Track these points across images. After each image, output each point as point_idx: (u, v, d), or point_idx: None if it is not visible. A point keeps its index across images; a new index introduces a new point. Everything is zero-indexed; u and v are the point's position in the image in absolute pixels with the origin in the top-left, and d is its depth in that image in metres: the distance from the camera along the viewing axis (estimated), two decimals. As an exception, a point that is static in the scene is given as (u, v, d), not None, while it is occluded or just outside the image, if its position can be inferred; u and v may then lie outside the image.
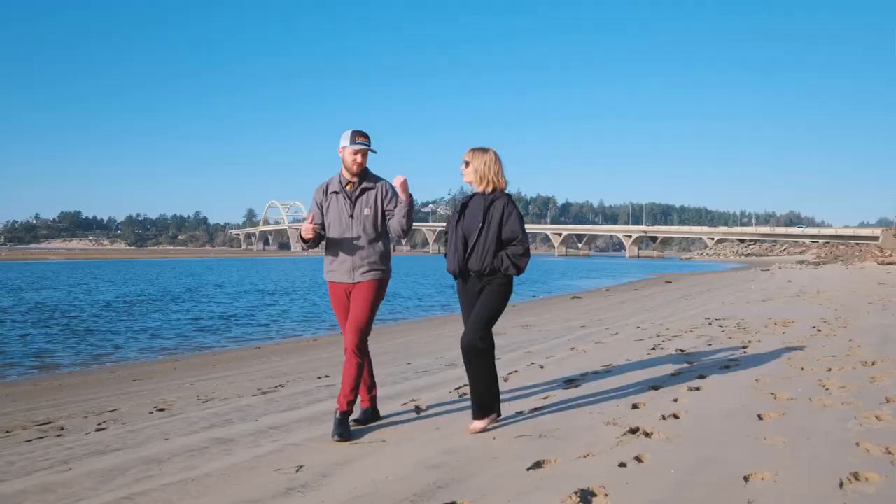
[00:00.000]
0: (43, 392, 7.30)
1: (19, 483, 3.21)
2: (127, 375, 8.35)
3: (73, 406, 5.90)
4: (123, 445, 3.92)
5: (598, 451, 3.00)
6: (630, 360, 5.83)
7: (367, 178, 3.85)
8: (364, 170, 3.84)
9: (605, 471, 2.69)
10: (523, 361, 6.21)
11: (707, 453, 2.83)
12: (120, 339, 12.24)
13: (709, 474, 2.55)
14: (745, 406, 3.68)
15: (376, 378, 4.21)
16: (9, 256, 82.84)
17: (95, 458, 3.64)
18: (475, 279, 3.60)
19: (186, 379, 7.47)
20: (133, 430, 4.45)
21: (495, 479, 2.71)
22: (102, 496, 2.89)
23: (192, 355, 10.58)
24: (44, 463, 3.61)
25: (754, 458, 2.72)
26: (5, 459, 3.78)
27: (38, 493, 3.00)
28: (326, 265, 3.90)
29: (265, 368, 8.02)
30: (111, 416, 5.13)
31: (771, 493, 2.31)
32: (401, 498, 2.55)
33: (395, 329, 13.01)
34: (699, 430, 3.25)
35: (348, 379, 3.72)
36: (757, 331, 7.49)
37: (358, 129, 3.79)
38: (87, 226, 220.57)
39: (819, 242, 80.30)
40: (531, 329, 10.28)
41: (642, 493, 2.38)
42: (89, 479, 3.17)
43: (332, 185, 3.87)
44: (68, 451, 3.90)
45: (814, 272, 25.31)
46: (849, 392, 3.92)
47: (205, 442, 3.81)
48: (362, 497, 2.60)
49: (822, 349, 5.76)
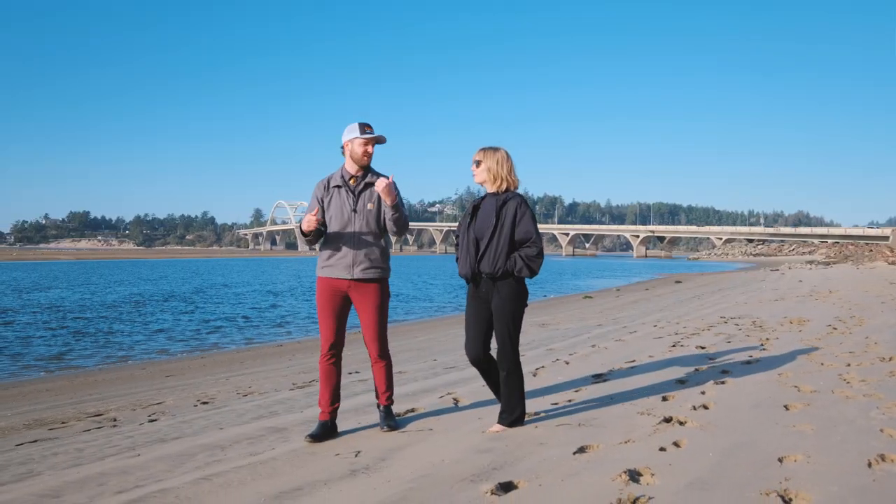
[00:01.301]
0: (80, 387, 7.56)
1: (95, 467, 3.45)
2: (158, 372, 8.61)
3: (118, 399, 6.16)
4: (181, 434, 4.16)
5: (636, 437, 3.21)
6: (652, 356, 6.03)
7: (370, 173, 3.79)
8: (368, 165, 3.79)
9: (647, 454, 2.90)
10: (548, 358, 6.42)
11: (740, 439, 3.05)
12: (140, 338, 12.52)
13: (745, 456, 2.77)
14: (771, 397, 3.89)
15: (407, 374, 4.39)
16: (20, 256, 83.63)
17: (158, 445, 3.89)
18: (488, 282, 3.53)
19: (218, 375, 7.72)
20: (184, 420, 4.69)
21: (544, 461, 2.93)
22: (180, 477, 3.13)
23: (216, 353, 10.84)
24: (111, 450, 3.85)
25: (785, 443, 2.93)
26: (74, 447, 4.03)
27: (118, 475, 3.24)
28: (322, 260, 3.79)
29: (292, 365, 8.26)
30: (158, 409, 5.38)
31: (805, 471, 2.52)
32: (461, 477, 2.77)
33: (412, 328, 13.24)
34: (730, 419, 3.46)
35: (381, 380, 3.84)
36: (773, 329, 7.67)
37: (364, 121, 3.74)
38: (96, 226, 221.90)
39: (828, 242, 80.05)
40: (548, 328, 10.49)
41: (685, 473, 2.60)
42: (161, 463, 3.41)
43: (334, 180, 3.79)
44: (129, 439, 4.15)
45: (824, 272, 25.38)
46: (869, 385, 4.11)
47: (260, 431, 4.04)
48: (425, 476, 2.82)
49: (839, 346, 5.94)
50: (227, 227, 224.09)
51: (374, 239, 3.74)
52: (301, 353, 9.84)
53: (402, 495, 2.62)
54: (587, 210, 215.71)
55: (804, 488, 2.34)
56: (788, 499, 2.28)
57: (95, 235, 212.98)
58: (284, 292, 25.16)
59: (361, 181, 3.74)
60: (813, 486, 2.36)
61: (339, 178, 3.78)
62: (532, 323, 11.55)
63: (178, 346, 11.60)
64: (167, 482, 3.06)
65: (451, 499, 2.53)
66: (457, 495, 2.57)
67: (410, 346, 9.26)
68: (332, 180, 3.79)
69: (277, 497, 2.75)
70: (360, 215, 3.71)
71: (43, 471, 3.46)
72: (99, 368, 9.45)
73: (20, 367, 9.42)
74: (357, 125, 3.71)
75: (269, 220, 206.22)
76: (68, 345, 11.51)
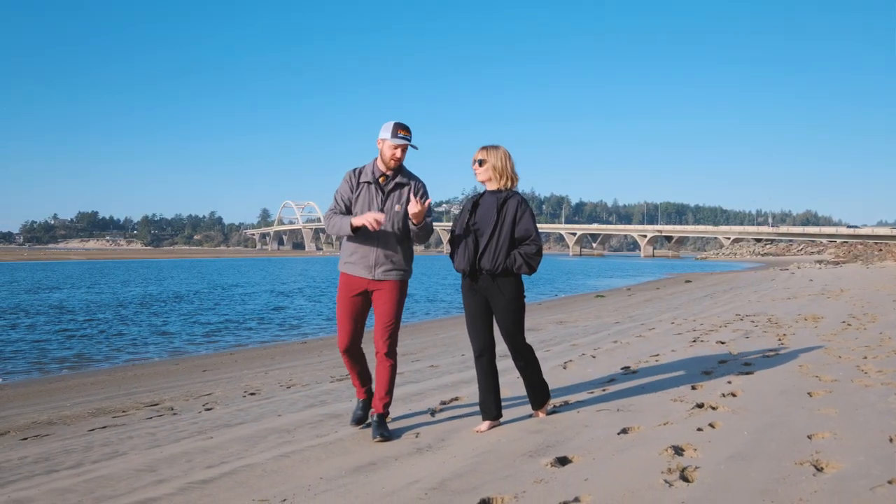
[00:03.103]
0: (124, 381, 7.90)
1: (175, 447, 3.77)
2: (193, 367, 8.94)
3: (167, 391, 6.49)
4: (243, 420, 4.48)
5: (674, 420, 3.51)
6: (675, 351, 6.31)
7: (401, 174, 3.71)
8: (400, 165, 3.72)
9: (686, 434, 3.20)
10: (574, 352, 6.72)
11: (770, 420, 3.34)
12: (160, 336, 12.90)
13: (777, 434, 3.06)
14: (795, 386, 4.18)
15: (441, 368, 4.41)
16: (31, 256, 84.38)
17: (227, 429, 4.20)
18: (486, 278, 3.56)
19: (254, 369, 8.05)
20: (240, 409, 5.01)
21: (593, 440, 3.23)
22: (259, 455, 3.44)
23: (242, 350, 11.18)
24: (182, 434, 4.18)
25: (812, 423, 3.22)
26: (145, 431, 4.36)
27: (200, 453, 3.56)
28: (345, 255, 3.73)
29: (323, 360, 8.57)
30: (209, 399, 5.71)
31: (833, 446, 2.81)
32: (521, 453, 3.08)
33: (432, 325, 13.56)
34: (758, 404, 3.75)
35: (382, 381, 3.69)
36: (789, 325, 7.94)
37: (400, 122, 3.64)
38: (104, 226, 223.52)
39: (837, 242, 79.97)
40: (566, 325, 10.78)
41: (725, 448, 2.90)
42: (236, 444, 3.73)
43: (365, 175, 3.70)
44: (195, 425, 4.47)
45: (834, 271, 25.55)
46: (886, 375, 4.39)
47: (318, 417, 4.35)
48: (488, 453, 3.13)
49: (854, 341, 6.21)
50: (235, 227, 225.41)
51: (398, 240, 3.68)
52: (327, 349, 10.15)
53: (471, 467, 2.92)
54: (594, 210, 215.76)
55: (834, 459, 2.63)
56: (820, 467, 2.57)
57: (104, 235, 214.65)
58: (294, 293, 25.53)
59: (392, 181, 3.68)
60: (842, 457, 2.66)
61: (369, 174, 3.69)
62: (550, 320, 11.85)
63: (201, 345, 11.95)
64: (249, 459, 3.37)
65: (517, 469, 2.84)
66: (521, 467, 2.87)
67: (435, 342, 9.57)
68: (363, 174, 3.71)
69: (355, 470, 3.06)
70: (387, 216, 3.63)
71: (127, 451, 3.78)
72: (133, 364, 9.79)
73: (54, 362, 9.79)
74: (392, 125, 3.62)
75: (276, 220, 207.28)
76: (101, 341, 11.89)
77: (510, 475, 2.77)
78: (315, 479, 2.95)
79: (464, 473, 2.84)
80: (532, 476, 2.73)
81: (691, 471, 2.62)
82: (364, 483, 2.85)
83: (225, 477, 3.07)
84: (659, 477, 2.58)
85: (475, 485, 2.67)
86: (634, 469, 2.72)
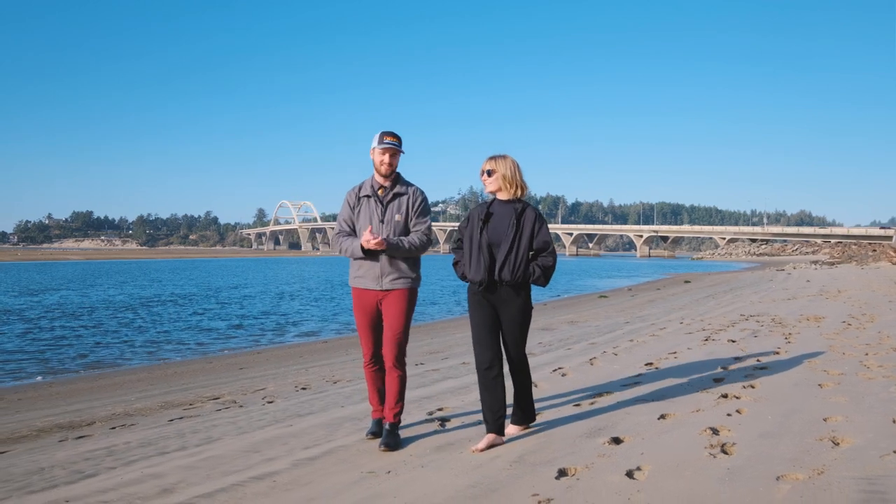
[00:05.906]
0: (167, 378, 8.37)
1: (263, 433, 4.25)
2: (229, 365, 9.42)
3: (221, 387, 6.97)
4: (310, 411, 4.97)
5: (704, 408, 4.03)
6: (691, 349, 6.85)
7: (399, 183, 3.80)
8: (396, 174, 3.79)
9: (718, 418, 3.72)
10: (595, 350, 7.24)
11: (790, 407, 3.87)
12: (182, 335, 13.38)
13: (797, 418, 3.59)
14: (806, 379, 4.71)
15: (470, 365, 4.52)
16: (25, 256, 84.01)
17: (300, 419, 4.69)
18: (506, 289, 3.56)
19: (292, 366, 8.53)
20: (301, 402, 5.50)
21: (637, 424, 3.75)
22: (345, 437, 3.94)
23: (269, 349, 11.67)
24: (262, 423, 4.65)
25: (826, 409, 3.75)
26: (226, 420, 4.85)
27: (291, 437, 4.04)
28: (353, 271, 3.83)
29: (353, 359, 9.06)
30: (267, 393, 6.19)
31: (846, 426, 3.35)
32: (577, 435, 3.60)
33: (445, 325, 14.07)
34: (776, 394, 4.28)
35: (392, 392, 3.74)
36: (793, 325, 8.49)
37: (387, 130, 3.71)
38: (99, 226, 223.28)
39: (831, 242, 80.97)
40: (578, 325, 11.31)
41: (755, 428, 3.42)
42: (319, 430, 4.22)
43: (364, 189, 3.81)
44: (267, 415, 4.95)
45: (830, 272, 26.18)
46: (887, 369, 4.94)
47: (380, 407, 4.85)
48: (544, 434, 3.65)
49: (855, 339, 6.77)
50: (231, 226, 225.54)
51: None
52: (354, 348, 10.65)
53: (538, 446, 3.44)
54: (590, 210, 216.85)
55: (848, 435, 3.17)
56: (837, 442, 3.10)
57: (98, 235, 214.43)
58: (300, 294, 26.01)
59: (390, 191, 3.77)
60: (854, 434, 3.19)
61: (368, 188, 3.80)
62: (562, 320, 12.38)
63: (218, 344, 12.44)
64: (338, 441, 3.87)
65: (580, 447, 3.35)
66: (582, 445, 3.39)
67: (456, 341, 10.07)
68: (362, 189, 3.82)
69: (440, 448, 3.56)
70: (388, 226, 3.73)
71: (220, 436, 4.27)
72: (164, 363, 10.25)
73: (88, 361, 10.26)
74: (379, 134, 3.71)
75: (272, 220, 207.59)
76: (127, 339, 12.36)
77: (575, 451, 3.29)
78: (407, 455, 3.46)
79: (537, 450, 3.35)
80: (594, 451, 3.25)
81: (729, 446, 3.15)
82: (454, 459, 3.36)
83: (326, 455, 3.57)
84: (703, 451, 3.10)
85: (549, 458, 3.19)
86: (680, 445, 3.24)
